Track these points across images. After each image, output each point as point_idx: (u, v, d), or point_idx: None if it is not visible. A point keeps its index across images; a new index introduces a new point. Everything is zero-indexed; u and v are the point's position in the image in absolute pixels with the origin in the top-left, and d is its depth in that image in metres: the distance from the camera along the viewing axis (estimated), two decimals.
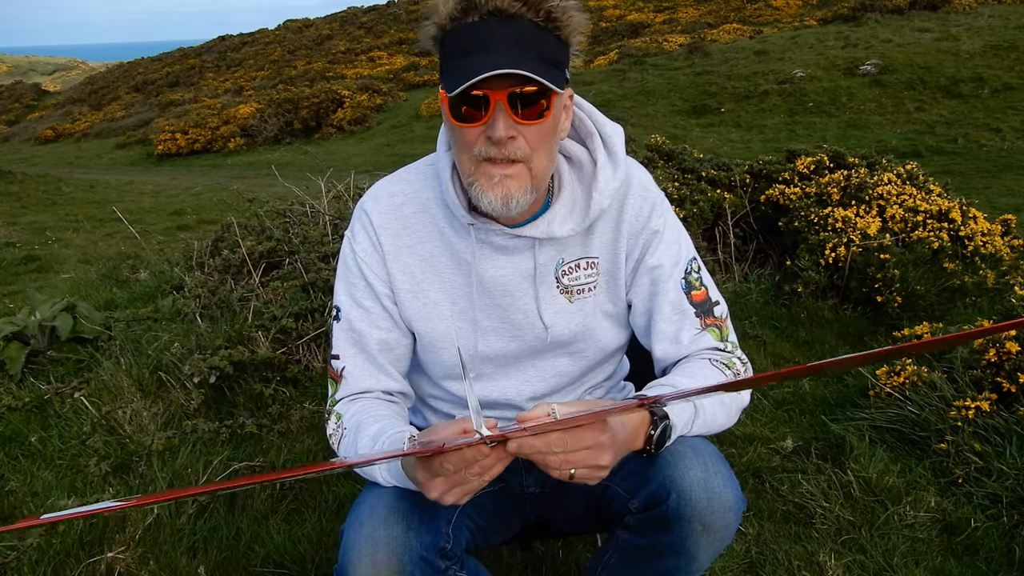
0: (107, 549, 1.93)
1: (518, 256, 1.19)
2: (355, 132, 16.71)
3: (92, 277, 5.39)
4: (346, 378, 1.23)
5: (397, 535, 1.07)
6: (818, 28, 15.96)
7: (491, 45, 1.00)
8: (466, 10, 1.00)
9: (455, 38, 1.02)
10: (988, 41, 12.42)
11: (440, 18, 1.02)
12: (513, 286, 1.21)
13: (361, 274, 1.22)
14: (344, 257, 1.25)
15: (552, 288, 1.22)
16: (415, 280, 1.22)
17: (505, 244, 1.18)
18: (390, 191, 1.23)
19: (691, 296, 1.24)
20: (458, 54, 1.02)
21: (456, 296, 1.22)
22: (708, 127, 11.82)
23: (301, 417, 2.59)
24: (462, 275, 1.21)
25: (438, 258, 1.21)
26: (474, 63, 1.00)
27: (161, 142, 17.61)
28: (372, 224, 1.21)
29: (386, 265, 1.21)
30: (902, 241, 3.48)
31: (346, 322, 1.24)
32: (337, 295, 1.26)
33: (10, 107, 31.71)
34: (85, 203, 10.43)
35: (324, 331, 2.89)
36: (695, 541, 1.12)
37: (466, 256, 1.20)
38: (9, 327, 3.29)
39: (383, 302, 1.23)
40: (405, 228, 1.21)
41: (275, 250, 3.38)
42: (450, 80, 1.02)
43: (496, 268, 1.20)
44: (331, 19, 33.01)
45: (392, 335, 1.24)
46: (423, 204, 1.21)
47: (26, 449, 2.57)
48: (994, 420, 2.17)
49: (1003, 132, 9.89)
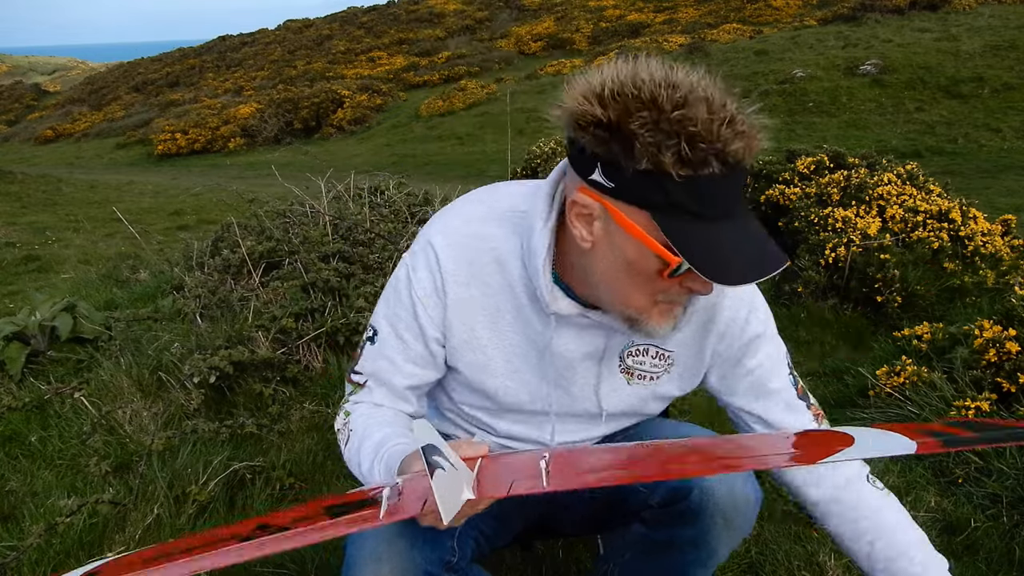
0: (107, 549, 1.93)
1: (589, 334, 1.12)
2: (355, 132, 16.72)
3: (92, 277, 5.38)
4: (368, 390, 1.21)
5: (402, 550, 1.06)
6: (818, 28, 15.96)
7: (735, 210, 0.89)
8: (704, 162, 0.85)
9: (692, 192, 0.86)
10: (988, 41, 12.42)
11: (672, 166, 0.85)
12: (578, 362, 1.15)
13: (412, 311, 1.14)
14: (397, 284, 1.16)
15: (614, 366, 1.16)
16: (473, 332, 1.14)
17: (583, 322, 1.10)
18: (466, 233, 1.11)
19: (797, 390, 1.19)
20: (704, 219, 0.88)
21: (512, 355, 1.15)
22: None
23: (301, 417, 2.59)
24: (524, 337, 1.14)
25: (503, 315, 1.13)
26: (738, 246, 0.88)
27: (161, 142, 17.63)
28: (440, 267, 1.10)
29: (445, 313, 1.13)
30: (902, 241, 3.48)
31: (380, 348, 1.18)
32: (377, 317, 1.19)
33: (10, 107, 31.71)
34: (85, 203, 10.44)
35: (324, 331, 2.89)
36: (716, 535, 1.13)
37: (536, 326, 1.12)
38: (9, 327, 3.30)
39: (429, 345, 1.16)
40: (475, 278, 1.11)
41: (275, 250, 3.38)
42: (713, 264, 0.88)
43: (565, 341, 1.12)
44: (331, 19, 33.00)
45: (424, 372, 1.19)
46: (499, 257, 1.10)
47: (26, 449, 2.57)
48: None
49: (1003, 132, 9.90)
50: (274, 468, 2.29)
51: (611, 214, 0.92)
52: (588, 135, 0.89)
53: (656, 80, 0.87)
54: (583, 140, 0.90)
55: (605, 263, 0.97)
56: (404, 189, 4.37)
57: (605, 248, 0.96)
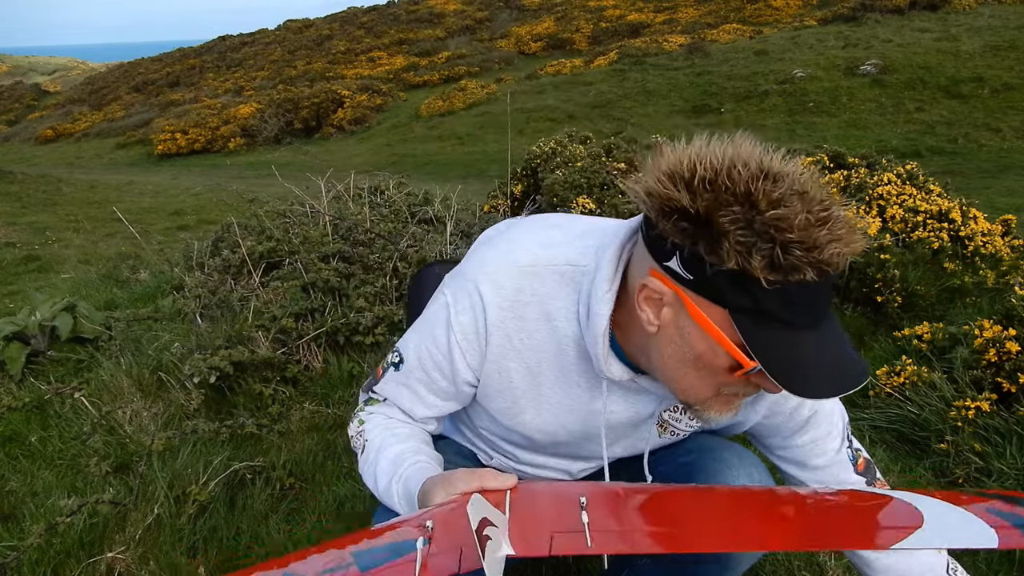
0: (107, 549, 1.93)
1: (637, 400, 1.08)
2: (355, 132, 16.73)
3: (92, 277, 5.39)
4: (383, 404, 1.19)
5: None
6: (818, 28, 15.97)
7: (821, 318, 0.83)
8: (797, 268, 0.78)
9: (777, 299, 0.80)
10: (988, 41, 12.43)
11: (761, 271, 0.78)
12: (622, 427, 1.12)
13: (449, 355, 1.08)
14: (435, 321, 1.09)
15: (650, 421, 1.12)
16: (510, 383, 1.09)
17: (633, 387, 1.05)
18: (518, 285, 1.04)
19: (856, 467, 1.12)
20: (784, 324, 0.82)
21: (543, 408, 1.11)
22: (708, 127, 11.82)
23: (301, 417, 2.59)
24: (565, 395, 1.09)
25: (544, 371, 1.07)
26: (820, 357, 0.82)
27: (161, 142, 17.64)
28: (486, 316, 1.04)
29: (484, 361, 1.08)
30: (902, 241, 3.48)
31: (404, 377, 1.14)
32: (407, 345, 1.14)
33: (10, 107, 31.72)
34: (85, 203, 10.44)
35: (324, 331, 2.89)
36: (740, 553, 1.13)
37: (580, 388, 1.07)
38: (9, 327, 3.30)
39: (459, 386, 1.12)
40: (520, 331, 1.05)
41: (275, 250, 3.38)
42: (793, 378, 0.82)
43: (612, 406, 1.08)
44: (331, 19, 33.00)
45: (447, 404, 1.16)
46: (548, 312, 1.03)
47: (26, 449, 2.57)
48: (994, 420, 2.17)
49: (1003, 132, 9.90)
50: (274, 468, 2.29)
51: (685, 305, 0.86)
52: (670, 224, 0.82)
53: (752, 171, 0.79)
54: (664, 226, 0.83)
55: (671, 349, 0.91)
56: (404, 189, 4.37)
57: (673, 335, 0.90)
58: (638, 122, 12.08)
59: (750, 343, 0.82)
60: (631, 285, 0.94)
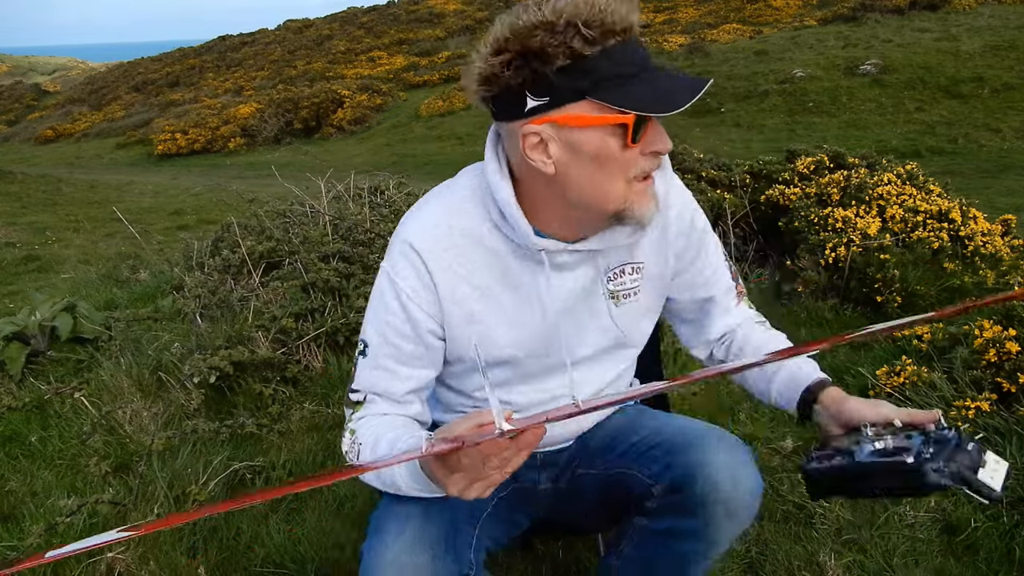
0: (107, 549, 1.93)
1: (578, 270, 1.18)
2: (355, 132, 16.72)
3: (92, 277, 5.39)
4: (367, 403, 1.20)
5: (423, 563, 1.07)
6: (818, 28, 15.96)
7: (650, 64, 1.01)
8: (605, 34, 0.97)
9: (611, 61, 0.98)
10: (988, 41, 12.42)
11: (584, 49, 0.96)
12: (572, 301, 1.20)
13: (402, 309, 1.16)
14: (381, 292, 1.18)
15: (599, 296, 1.22)
16: (470, 311, 1.17)
17: (567, 261, 1.16)
18: (435, 223, 1.16)
19: (732, 273, 1.35)
20: (629, 76, 0.99)
21: (514, 323, 1.19)
22: (708, 127, 11.83)
23: (301, 417, 2.59)
24: (521, 301, 1.18)
25: (492, 287, 1.17)
26: (666, 82, 1.00)
27: (161, 142, 17.63)
28: (422, 260, 1.14)
29: (439, 297, 1.15)
30: (902, 241, 3.48)
31: (372, 358, 1.19)
32: (365, 330, 1.21)
33: (10, 107, 31.73)
34: (85, 203, 10.45)
35: (324, 331, 2.89)
36: (717, 526, 1.14)
37: (525, 279, 1.17)
38: (9, 327, 3.30)
39: (424, 339, 1.17)
40: (457, 259, 1.15)
41: (275, 250, 3.39)
42: (652, 101, 0.99)
43: (559, 283, 1.18)
44: (331, 19, 33.01)
45: (422, 372, 1.20)
46: (471, 232, 1.15)
47: (26, 449, 2.57)
48: (994, 420, 2.17)
49: (1003, 132, 9.90)
50: (274, 468, 2.29)
51: (560, 124, 1.00)
52: (507, 74, 0.99)
53: (528, 8, 0.97)
54: (504, 80, 0.99)
55: (574, 173, 1.04)
56: (404, 189, 4.37)
57: (568, 158, 1.03)
58: None
59: (615, 103, 0.98)
60: (517, 164, 1.08)
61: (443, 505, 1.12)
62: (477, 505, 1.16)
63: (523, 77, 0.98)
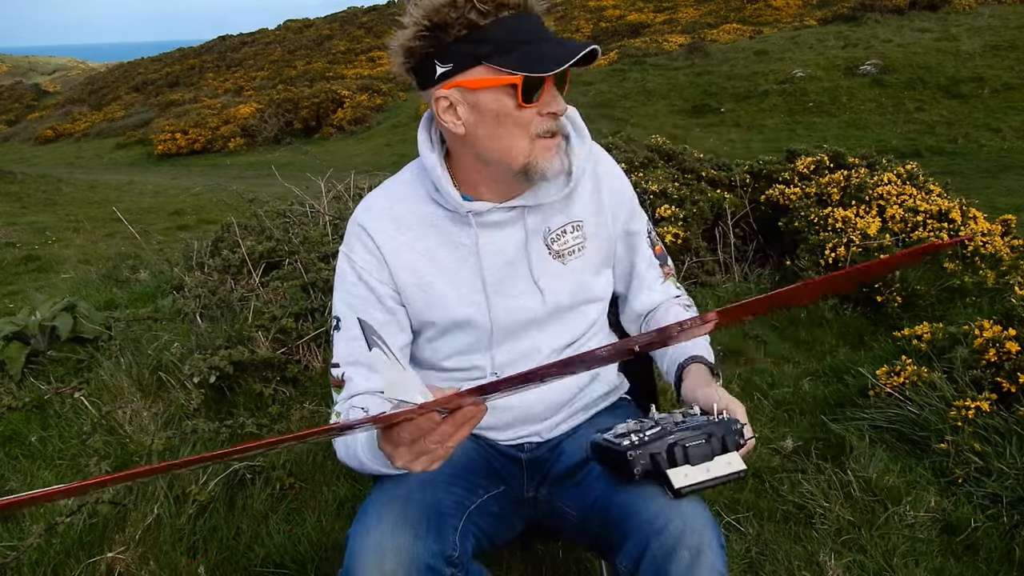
0: (107, 549, 1.93)
1: (510, 228, 1.28)
2: (355, 132, 16.72)
3: (92, 277, 5.39)
4: (347, 383, 1.25)
5: (405, 544, 1.07)
6: (818, 28, 15.95)
7: (545, 35, 1.12)
8: (499, 6, 1.09)
9: (504, 29, 1.10)
10: (988, 41, 12.42)
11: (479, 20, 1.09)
12: (511, 255, 1.28)
13: (361, 281, 1.26)
14: (341, 268, 1.30)
15: (545, 255, 1.30)
16: (419, 275, 1.27)
17: (499, 219, 1.26)
18: (377, 201, 1.30)
19: (655, 250, 1.44)
20: (520, 43, 1.10)
21: (459, 283, 1.27)
22: (708, 127, 11.83)
23: (301, 417, 2.59)
24: (461, 261, 1.27)
25: (435, 251, 1.27)
26: (554, 48, 1.10)
27: (161, 142, 17.61)
28: (367, 231, 1.26)
29: (388, 267, 1.26)
30: (902, 241, 3.48)
31: (346, 331, 1.27)
32: (336, 307, 1.30)
33: (10, 107, 31.71)
34: (85, 203, 10.44)
35: (324, 331, 2.89)
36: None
37: (464, 241, 1.26)
38: (9, 327, 3.30)
39: (386, 303, 1.27)
40: (399, 228, 1.27)
41: (275, 250, 3.39)
42: (537, 63, 1.10)
43: (494, 244, 1.27)
44: (331, 19, 33.00)
45: (395, 337, 1.29)
46: (411, 204, 1.28)
47: (26, 449, 2.57)
48: (994, 420, 2.17)
49: (1003, 132, 9.89)
50: (274, 468, 2.29)
51: (465, 86, 1.13)
52: (418, 44, 1.12)
53: None
54: (417, 51, 1.13)
55: (482, 131, 1.16)
56: None
57: (476, 120, 1.15)
58: (638, 122, 12.06)
59: (505, 65, 1.10)
60: (445, 135, 1.23)
61: (426, 491, 1.16)
62: (462, 494, 1.23)
63: (432, 47, 1.12)
